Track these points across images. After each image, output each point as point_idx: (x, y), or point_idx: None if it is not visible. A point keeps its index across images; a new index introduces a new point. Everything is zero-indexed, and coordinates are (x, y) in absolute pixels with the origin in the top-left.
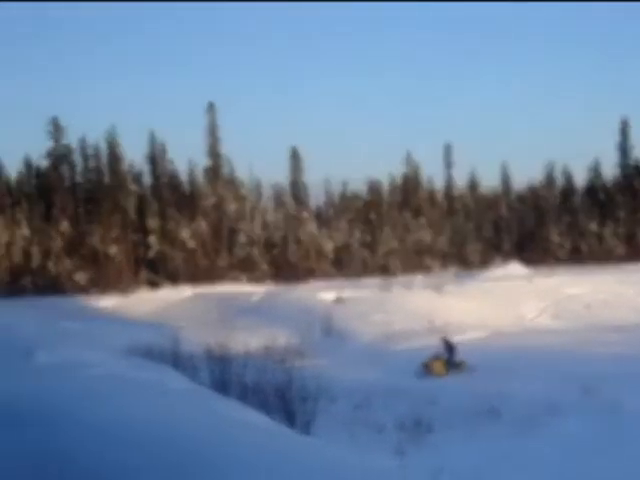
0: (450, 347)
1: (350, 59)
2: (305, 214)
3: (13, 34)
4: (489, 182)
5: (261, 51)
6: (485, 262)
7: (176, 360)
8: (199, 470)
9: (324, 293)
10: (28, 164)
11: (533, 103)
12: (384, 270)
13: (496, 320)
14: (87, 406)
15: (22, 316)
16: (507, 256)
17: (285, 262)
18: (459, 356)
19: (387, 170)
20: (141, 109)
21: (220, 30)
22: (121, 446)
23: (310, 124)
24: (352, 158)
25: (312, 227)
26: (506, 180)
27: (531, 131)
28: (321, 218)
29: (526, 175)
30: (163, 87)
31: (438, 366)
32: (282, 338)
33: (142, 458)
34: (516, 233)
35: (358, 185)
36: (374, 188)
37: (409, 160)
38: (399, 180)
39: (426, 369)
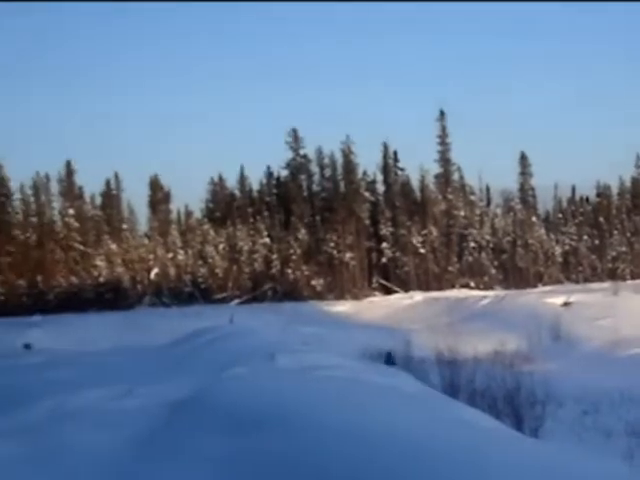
0: None
1: (581, 59)
2: (534, 219)
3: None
4: None
5: (484, 56)
6: None
7: (408, 363)
8: (445, 473)
9: (552, 297)
10: (269, 174)
11: None
12: (613, 275)
13: None
14: (327, 408)
15: (264, 320)
16: None
17: (513, 267)
18: None
19: (616, 174)
20: (375, 118)
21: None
22: (362, 448)
23: (539, 128)
24: (581, 162)
25: (541, 232)
26: None
27: None
28: (549, 223)
29: None
30: (395, 96)
31: None
32: (511, 343)
33: (384, 459)
34: None
35: (587, 189)
36: (603, 192)
37: (638, 163)
38: (628, 184)
39: None
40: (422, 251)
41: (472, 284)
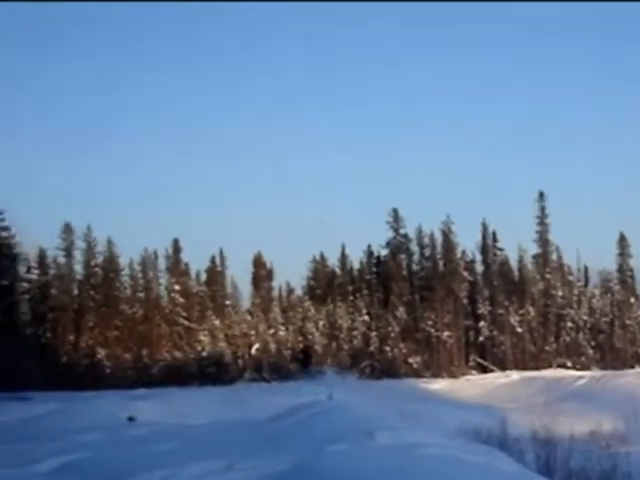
0: None
1: None
2: (632, 300)
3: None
4: None
5: (583, 138)
6: None
7: (503, 442)
8: None
9: None
10: (369, 253)
11: None
12: None
13: None
14: None
15: (362, 397)
16: None
17: (611, 347)
18: None
19: None
20: (473, 198)
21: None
22: None
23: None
24: None
25: (639, 312)
26: None
27: None
28: None
29: None
30: (496, 177)
31: None
32: (607, 423)
33: None
34: None
35: None
36: None
37: None
38: None
39: None
40: (519, 330)
41: (569, 364)
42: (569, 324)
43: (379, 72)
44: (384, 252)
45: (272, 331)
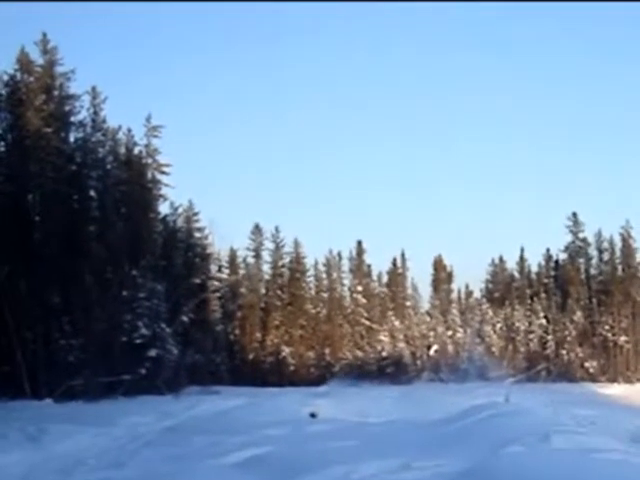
0: None
1: None
2: None
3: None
4: None
5: None
6: None
7: None
8: None
9: None
10: (548, 257)
11: None
12: None
13: None
14: None
15: (537, 400)
16: None
17: None
18: None
19: None
20: None
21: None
22: None
23: None
24: None
25: None
26: None
27: None
28: None
29: None
30: None
31: None
32: None
33: None
34: None
35: None
36: None
37: None
38: None
39: None
40: None
41: None
42: None
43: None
44: (562, 256)
45: (450, 333)
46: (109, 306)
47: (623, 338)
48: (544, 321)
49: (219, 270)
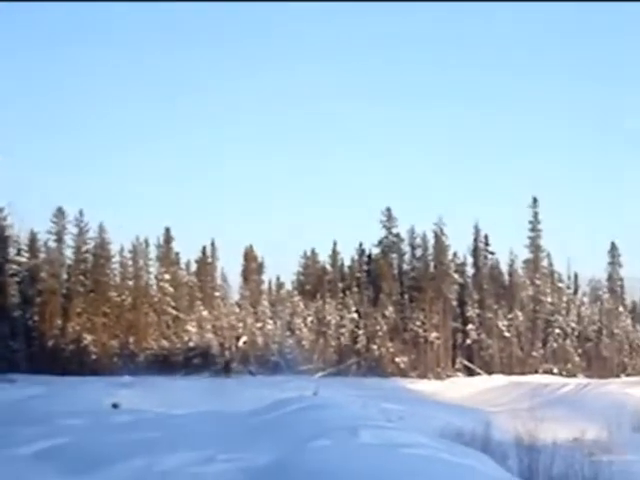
0: None
1: None
2: (621, 309)
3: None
4: None
5: (576, 145)
6: None
7: (486, 446)
8: None
9: (635, 388)
10: (361, 251)
11: None
12: None
13: None
14: None
15: (347, 394)
16: None
17: (597, 356)
18: None
19: None
20: (467, 201)
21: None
22: None
23: (632, 217)
24: None
25: (627, 322)
26: None
27: None
28: (636, 313)
29: None
30: (489, 181)
31: None
32: (591, 431)
33: None
34: None
35: None
36: None
37: None
38: None
39: None
40: (507, 335)
41: (555, 370)
42: (557, 330)
43: (377, 71)
44: (375, 250)
45: (260, 324)
46: None
47: (434, 334)
48: (356, 315)
49: (18, 253)
